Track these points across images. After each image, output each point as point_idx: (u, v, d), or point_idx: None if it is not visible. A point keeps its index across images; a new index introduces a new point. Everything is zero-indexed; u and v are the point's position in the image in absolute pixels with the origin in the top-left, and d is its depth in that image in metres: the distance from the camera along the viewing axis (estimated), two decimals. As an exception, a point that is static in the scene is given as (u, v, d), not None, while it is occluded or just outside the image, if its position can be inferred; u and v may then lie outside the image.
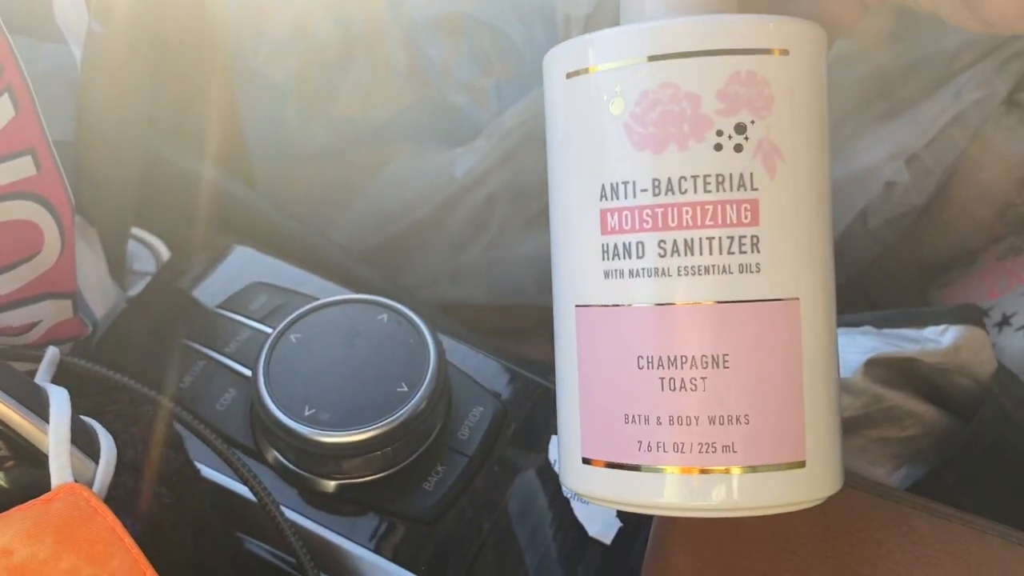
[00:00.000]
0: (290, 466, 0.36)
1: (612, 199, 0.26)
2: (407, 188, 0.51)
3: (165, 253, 0.46)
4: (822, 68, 0.27)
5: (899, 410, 0.36)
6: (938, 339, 0.36)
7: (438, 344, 0.37)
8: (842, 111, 0.44)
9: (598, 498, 0.28)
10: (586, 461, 0.28)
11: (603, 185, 0.26)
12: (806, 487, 0.26)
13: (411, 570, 0.34)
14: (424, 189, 0.51)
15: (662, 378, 0.26)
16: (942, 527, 0.30)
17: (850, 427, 0.36)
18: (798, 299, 0.26)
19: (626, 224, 0.26)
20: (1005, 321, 0.44)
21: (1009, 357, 0.42)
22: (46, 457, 0.27)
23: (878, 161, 0.43)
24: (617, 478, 0.27)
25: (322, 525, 0.35)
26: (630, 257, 0.26)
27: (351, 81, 0.51)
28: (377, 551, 0.34)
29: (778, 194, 0.26)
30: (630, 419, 0.26)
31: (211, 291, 0.43)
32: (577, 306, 0.28)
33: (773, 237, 0.26)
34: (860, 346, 0.36)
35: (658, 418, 0.26)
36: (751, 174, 0.25)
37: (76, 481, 0.27)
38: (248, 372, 0.38)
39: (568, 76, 0.27)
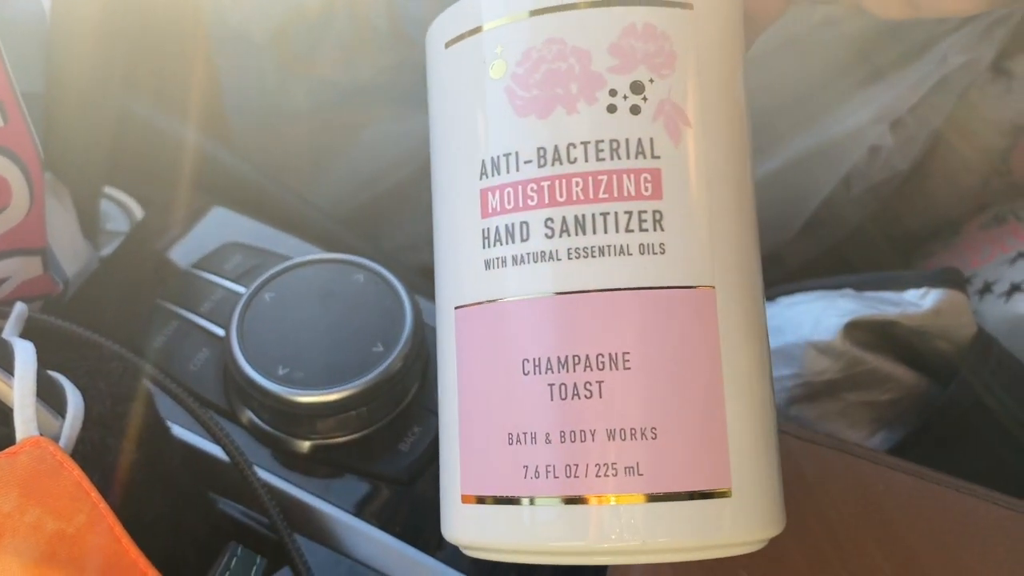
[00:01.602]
0: (264, 426, 0.35)
1: (493, 175, 0.23)
2: (388, 151, 0.51)
3: (139, 212, 0.45)
4: (735, 26, 0.24)
5: (878, 373, 0.36)
6: (918, 302, 0.36)
7: (415, 304, 0.36)
8: (826, 74, 0.43)
9: (479, 547, 0.23)
10: (465, 499, 0.23)
11: (483, 161, 0.23)
12: (735, 523, 0.22)
13: (386, 530, 0.34)
14: (405, 152, 0.50)
15: (551, 384, 0.22)
16: (919, 487, 0.30)
17: (829, 390, 0.36)
18: (713, 288, 0.22)
19: (508, 203, 0.23)
20: (987, 288, 0.44)
21: (991, 324, 0.42)
22: (11, 411, 0.26)
23: (862, 125, 0.43)
24: (500, 517, 0.22)
25: (296, 485, 0.34)
26: (513, 241, 0.22)
27: (332, 40, 0.50)
28: (352, 511, 0.34)
29: (684, 163, 0.22)
30: (515, 439, 0.22)
31: (185, 251, 0.42)
32: (456, 308, 0.24)
33: (679, 213, 0.22)
34: (840, 309, 0.36)
35: (547, 435, 0.21)
36: (651, 139, 0.22)
37: (42, 435, 0.26)
38: (222, 332, 0.37)
39: (447, 45, 0.24)
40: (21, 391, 0.27)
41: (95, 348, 0.32)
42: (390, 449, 0.35)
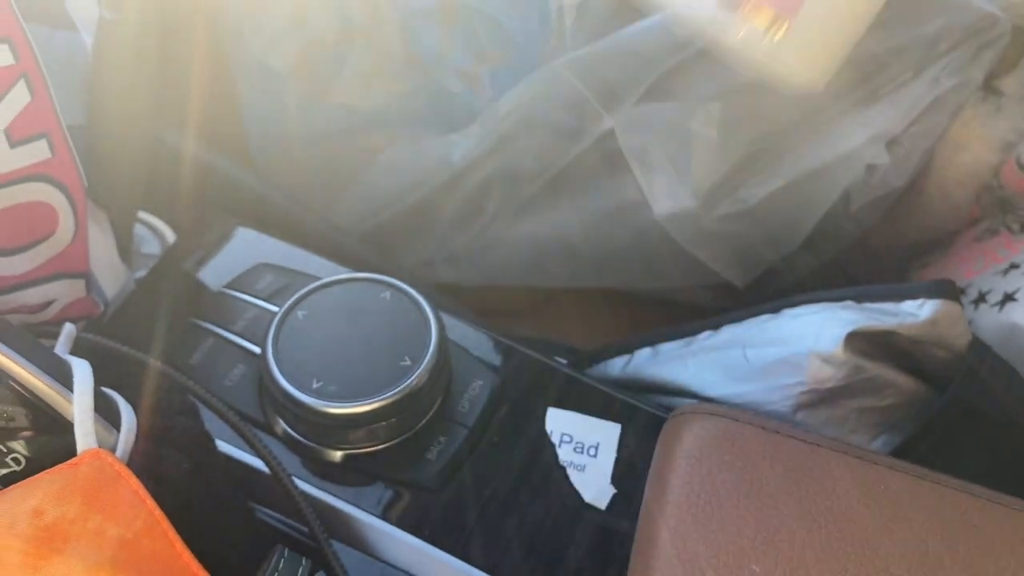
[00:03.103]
0: (298, 437, 0.37)
1: None
2: (404, 173, 0.52)
3: (171, 236, 0.47)
4: None
5: (878, 380, 0.38)
6: (916, 312, 0.37)
7: (439, 320, 0.38)
8: (824, 98, 0.45)
9: None
10: None
11: None
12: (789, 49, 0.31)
13: (416, 534, 0.35)
14: (421, 174, 0.52)
15: None
16: (915, 486, 0.32)
17: (833, 397, 0.38)
18: None
19: None
20: (981, 298, 0.45)
21: (985, 332, 0.44)
22: (70, 425, 0.28)
23: (859, 144, 0.45)
24: None
25: (330, 494, 0.36)
26: None
27: (349, 68, 0.52)
28: (383, 517, 0.36)
29: None
30: None
31: (217, 272, 0.44)
32: None
33: None
34: (841, 320, 0.37)
35: None
36: None
37: (100, 447, 0.28)
38: (255, 349, 0.39)
39: None
40: (81, 406, 0.28)
41: (142, 366, 0.34)
42: (418, 458, 0.37)
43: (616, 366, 0.44)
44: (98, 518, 0.27)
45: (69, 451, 0.28)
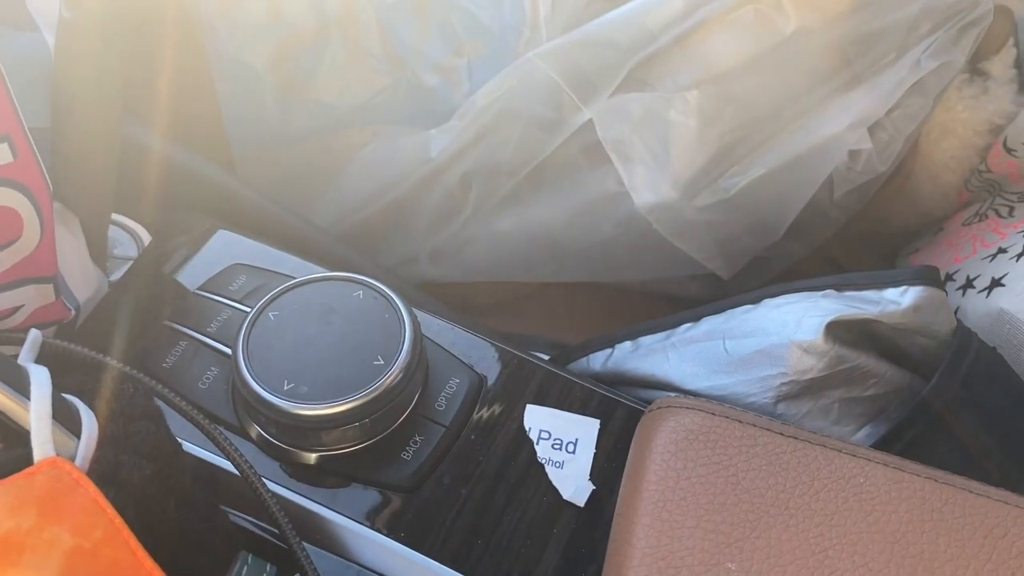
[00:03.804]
0: (272, 440, 0.37)
1: None
2: (384, 169, 0.52)
3: (147, 238, 0.46)
4: None
5: (861, 370, 0.37)
6: (898, 300, 0.37)
7: (413, 317, 0.37)
8: (803, 83, 0.44)
9: None
10: None
11: None
12: None
13: (392, 536, 0.35)
14: (400, 170, 0.51)
15: None
16: (894, 478, 0.31)
17: (815, 388, 0.37)
18: None
19: None
20: (969, 284, 0.45)
21: (972, 318, 0.43)
22: (28, 433, 0.28)
23: (841, 130, 0.44)
24: None
25: (304, 496, 0.36)
26: None
27: (326, 65, 0.52)
28: (358, 519, 0.35)
29: None
30: None
31: (192, 274, 0.43)
32: None
33: None
34: (822, 309, 0.37)
35: None
36: None
37: (58, 455, 0.27)
38: (228, 351, 0.39)
39: None
40: (37, 414, 0.28)
41: (107, 370, 0.33)
42: (393, 458, 0.36)
43: (598, 360, 0.43)
44: (55, 528, 0.26)
45: (28, 460, 0.28)
